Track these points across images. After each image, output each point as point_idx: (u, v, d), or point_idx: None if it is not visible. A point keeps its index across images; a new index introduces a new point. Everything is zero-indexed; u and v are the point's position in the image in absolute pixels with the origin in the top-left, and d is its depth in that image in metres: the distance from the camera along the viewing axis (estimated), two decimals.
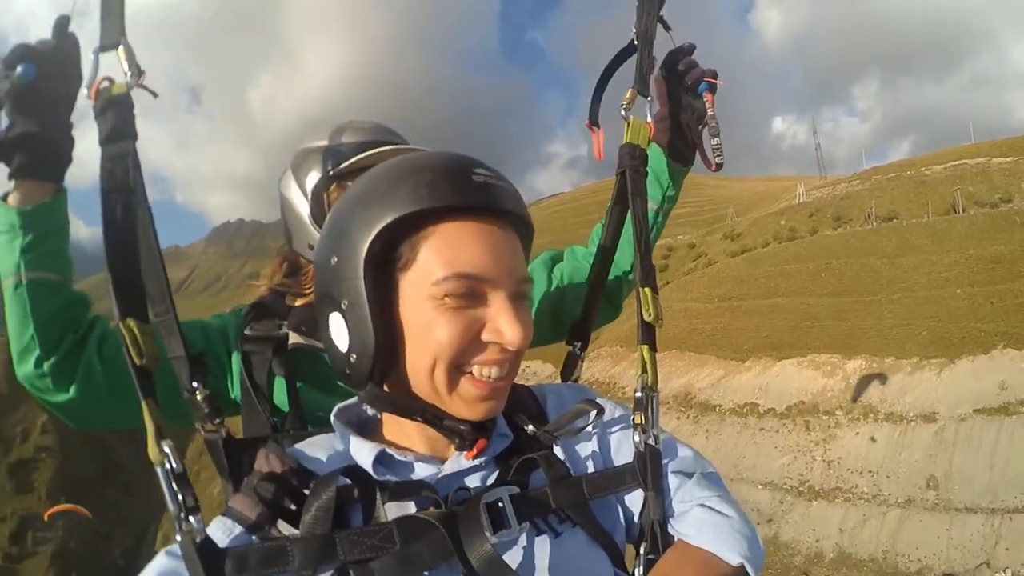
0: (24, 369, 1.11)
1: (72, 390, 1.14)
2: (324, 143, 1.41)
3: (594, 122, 1.36)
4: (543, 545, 0.85)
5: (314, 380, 1.27)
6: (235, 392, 1.27)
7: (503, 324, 0.82)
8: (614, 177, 1.23)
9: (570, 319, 1.37)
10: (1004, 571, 15.49)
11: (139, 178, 0.90)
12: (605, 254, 1.32)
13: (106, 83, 0.91)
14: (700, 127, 1.41)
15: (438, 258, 0.81)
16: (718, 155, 1.37)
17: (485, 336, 0.83)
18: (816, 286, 24.75)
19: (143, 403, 0.79)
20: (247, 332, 1.23)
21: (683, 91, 1.39)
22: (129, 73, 0.91)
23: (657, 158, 1.46)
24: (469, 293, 0.82)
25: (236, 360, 1.27)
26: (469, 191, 0.82)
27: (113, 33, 0.92)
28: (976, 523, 16.85)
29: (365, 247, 0.80)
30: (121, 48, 0.92)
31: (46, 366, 1.10)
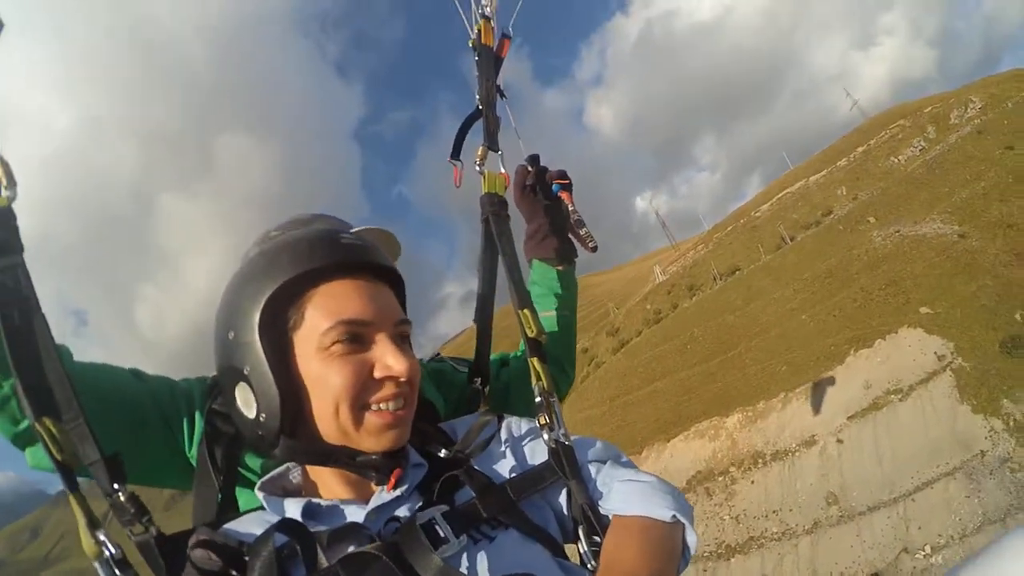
0: None
1: None
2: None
3: (456, 157, 1.51)
4: (482, 552, 0.94)
5: None
6: (191, 452, 1.29)
7: (390, 359, 0.97)
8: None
9: (517, 415, 1.48)
10: (923, 548, 16.95)
11: (31, 288, 0.92)
12: (484, 301, 1.51)
13: None
14: (568, 222, 1.63)
15: (322, 312, 0.96)
16: (590, 240, 1.59)
17: (377, 374, 0.97)
18: (685, 359, 27.35)
19: (70, 497, 0.86)
20: (215, 407, 1.19)
21: (542, 201, 1.62)
22: (6, 185, 0.93)
23: (541, 272, 1.70)
24: (354, 338, 0.97)
25: (199, 425, 1.29)
26: (338, 252, 0.99)
27: None
28: (882, 518, 18.13)
29: (257, 315, 0.95)
30: None
31: (6, 386, 1.04)
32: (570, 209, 1.59)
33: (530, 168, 1.63)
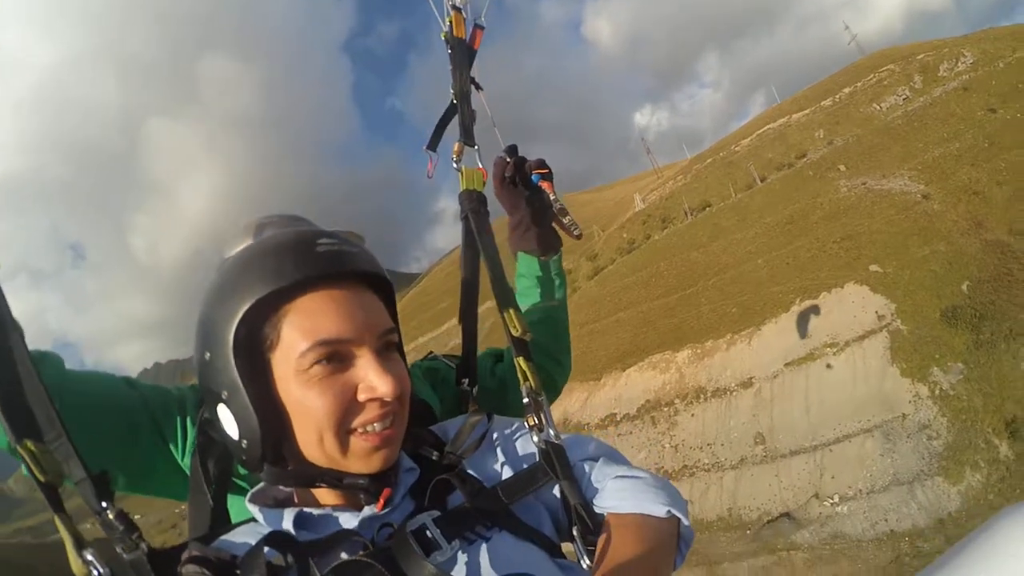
0: None
1: None
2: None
3: (432, 148, 1.47)
4: (475, 556, 0.87)
5: None
6: (184, 461, 1.20)
7: (374, 379, 0.87)
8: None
9: (516, 411, 1.39)
10: (832, 497, 17.56)
11: (6, 305, 0.86)
12: (468, 300, 1.43)
13: None
14: (550, 211, 1.53)
15: (298, 331, 0.85)
16: (575, 228, 1.50)
17: (361, 396, 0.87)
18: (649, 292, 27.14)
19: (56, 518, 0.80)
20: (207, 416, 1.06)
21: (522, 192, 1.52)
22: None
23: (527, 264, 1.59)
24: (334, 358, 0.86)
25: (191, 434, 1.20)
26: (314, 262, 0.87)
27: None
28: (800, 463, 18.63)
29: (230, 337, 0.85)
30: None
31: None
32: (552, 198, 1.49)
33: (508, 159, 1.51)
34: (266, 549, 0.80)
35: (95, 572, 0.78)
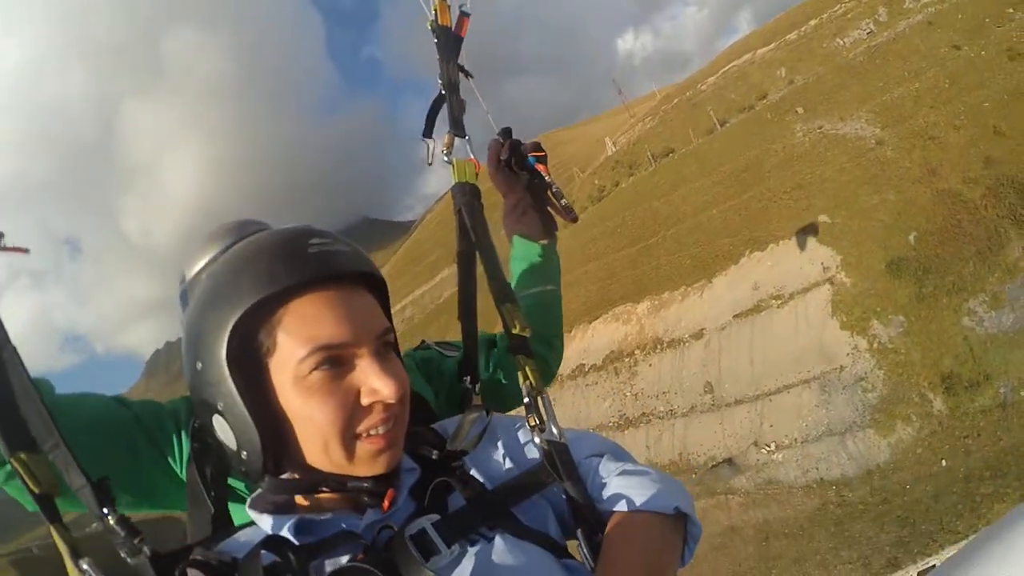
0: None
1: None
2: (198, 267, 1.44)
3: (428, 136, 1.37)
4: (475, 559, 0.82)
5: None
6: (182, 473, 1.15)
7: (376, 382, 0.81)
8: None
9: (514, 396, 1.37)
10: (769, 445, 17.77)
11: None
12: (467, 297, 1.31)
13: None
14: (546, 194, 1.47)
15: (295, 338, 0.79)
16: (570, 212, 1.46)
17: (364, 400, 0.81)
18: (614, 243, 26.37)
19: (51, 528, 0.76)
20: (198, 424, 1.02)
21: (518, 175, 1.46)
22: None
23: (523, 248, 1.52)
24: (333, 363, 0.80)
25: (186, 444, 1.15)
26: (306, 265, 0.80)
27: None
28: (743, 412, 18.74)
29: (223, 348, 0.78)
30: None
31: None
32: (547, 180, 1.44)
33: (503, 142, 1.45)
34: (264, 552, 0.76)
35: None
